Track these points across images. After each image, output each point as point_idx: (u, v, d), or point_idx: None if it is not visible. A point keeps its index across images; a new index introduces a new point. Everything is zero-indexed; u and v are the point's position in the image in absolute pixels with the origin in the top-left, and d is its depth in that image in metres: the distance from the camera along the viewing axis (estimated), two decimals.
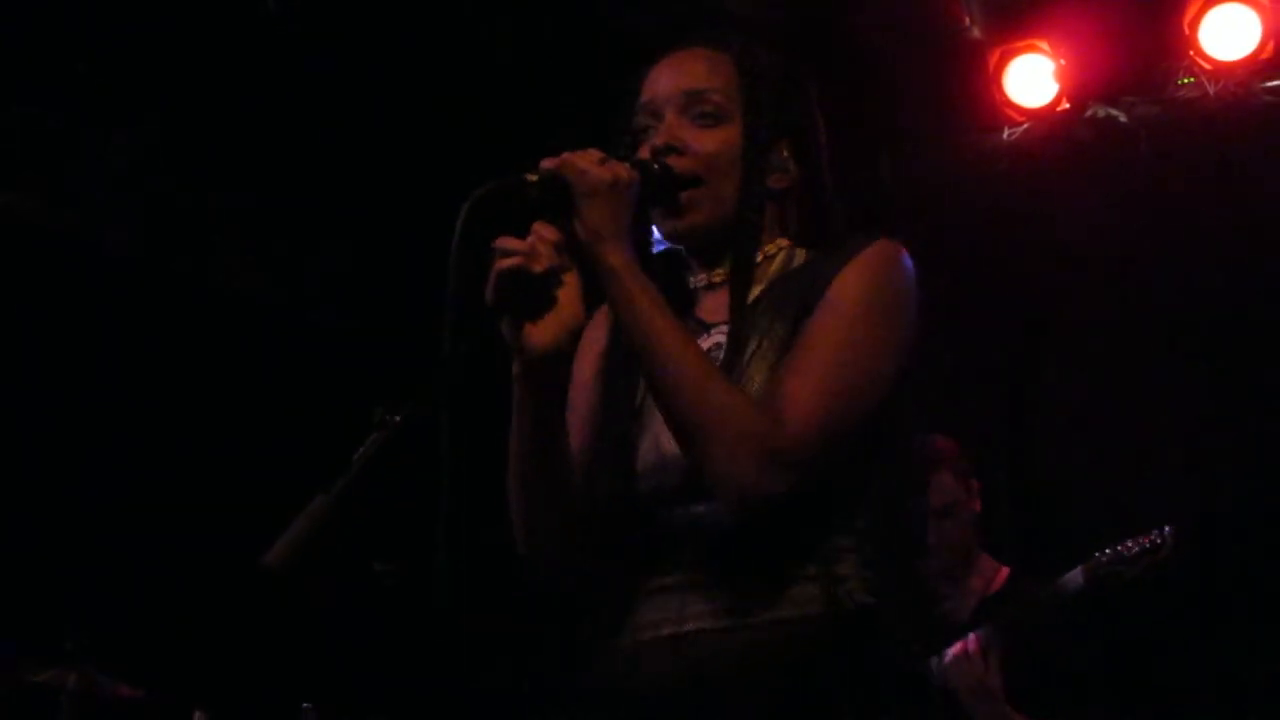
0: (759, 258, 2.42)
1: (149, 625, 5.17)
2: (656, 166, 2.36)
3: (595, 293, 2.26)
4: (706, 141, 2.40)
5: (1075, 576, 4.51)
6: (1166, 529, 4.43)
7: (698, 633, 2.25)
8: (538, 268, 2.20)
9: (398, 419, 2.18)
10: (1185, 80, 5.53)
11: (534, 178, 2.22)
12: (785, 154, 2.46)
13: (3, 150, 5.21)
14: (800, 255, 2.45)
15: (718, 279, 2.44)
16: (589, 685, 2.38)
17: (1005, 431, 5.83)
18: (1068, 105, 5.69)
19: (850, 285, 2.30)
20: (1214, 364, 5.51)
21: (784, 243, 2.46)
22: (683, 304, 2.42)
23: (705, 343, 2.38)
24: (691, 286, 2.47)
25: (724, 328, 2.38)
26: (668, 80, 2.47)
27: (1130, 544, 4.47)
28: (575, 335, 2.26)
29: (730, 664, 2.22)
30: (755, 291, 2.40)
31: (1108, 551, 4.49)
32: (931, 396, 2.56)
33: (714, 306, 2.42)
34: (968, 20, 5.60)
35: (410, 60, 5.36)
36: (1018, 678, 4.43)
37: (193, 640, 5.28)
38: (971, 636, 4.42)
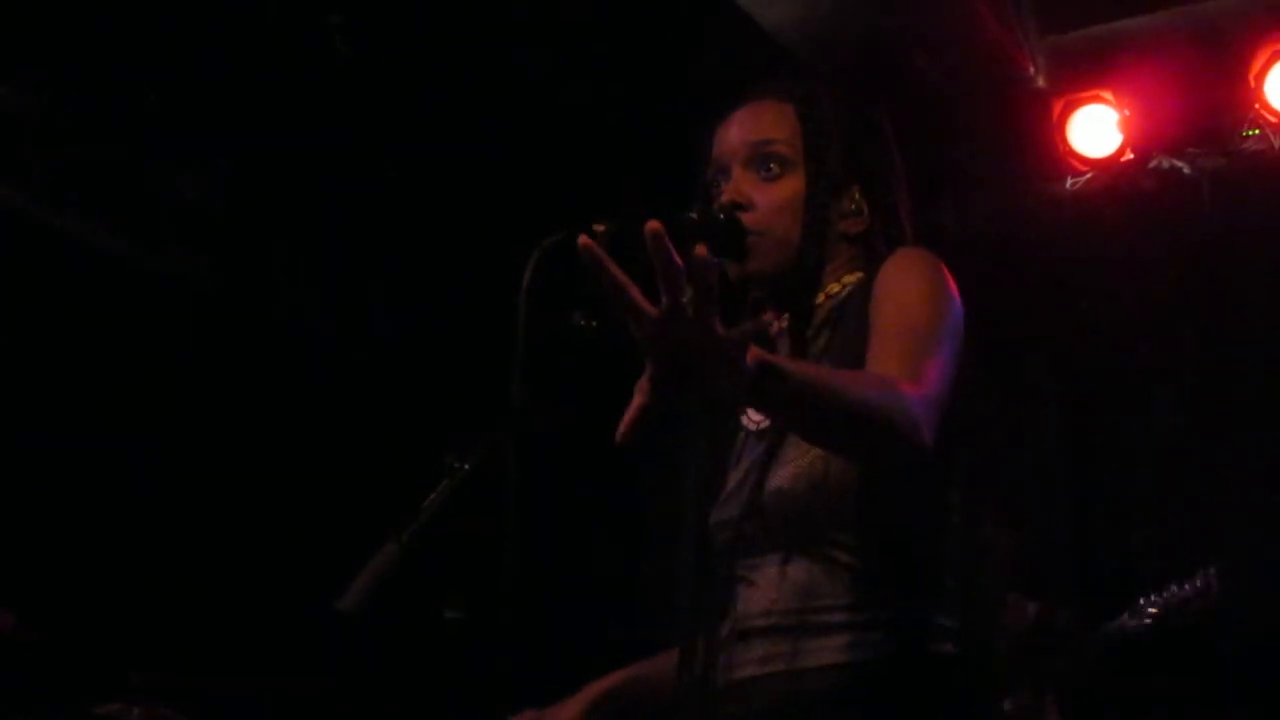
0: (821, 298, 2.45)
1: (213, 659, 5.19)
2: (721, 215, 2.40)
3: None
4: (771, 194, 2.45)
5: (1124, 623, 4.48)
6: (1211, 571, 4.39)
7: (762, 677, 2.28)
8: None
9: (466, 467, 2.20)
10: (1250, 132, 5.50)
11: (601, 228, 2.25)
12: (857, 198, 2.49)
13: (75, 182, 5.27)
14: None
15: (784, 323, 2.48)
16: None
17: (1065, 480, 5.81)
18: (1131, 156, 5.68)
19: (893, 282, 2.34)
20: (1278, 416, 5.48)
21: (850, 279, 2.47)
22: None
23: None
24: (772, 334, 2.49)
25: None
26: (734, 136, 2.51)
27: (1175, 589, 4.44)
28: None
29: (785, 711, 2.25)
30: (824, 336, 2.43)
31: (1153, 597, 4.46)
32: (992, 441, 2.56)
33: (786, 351, 2.44)
34: (1032, 69, 5.60)
35: (478, 104, 5.40)
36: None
37: (257, 676, 5.30)
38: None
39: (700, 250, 1.82)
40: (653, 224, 1.81)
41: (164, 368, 5.40)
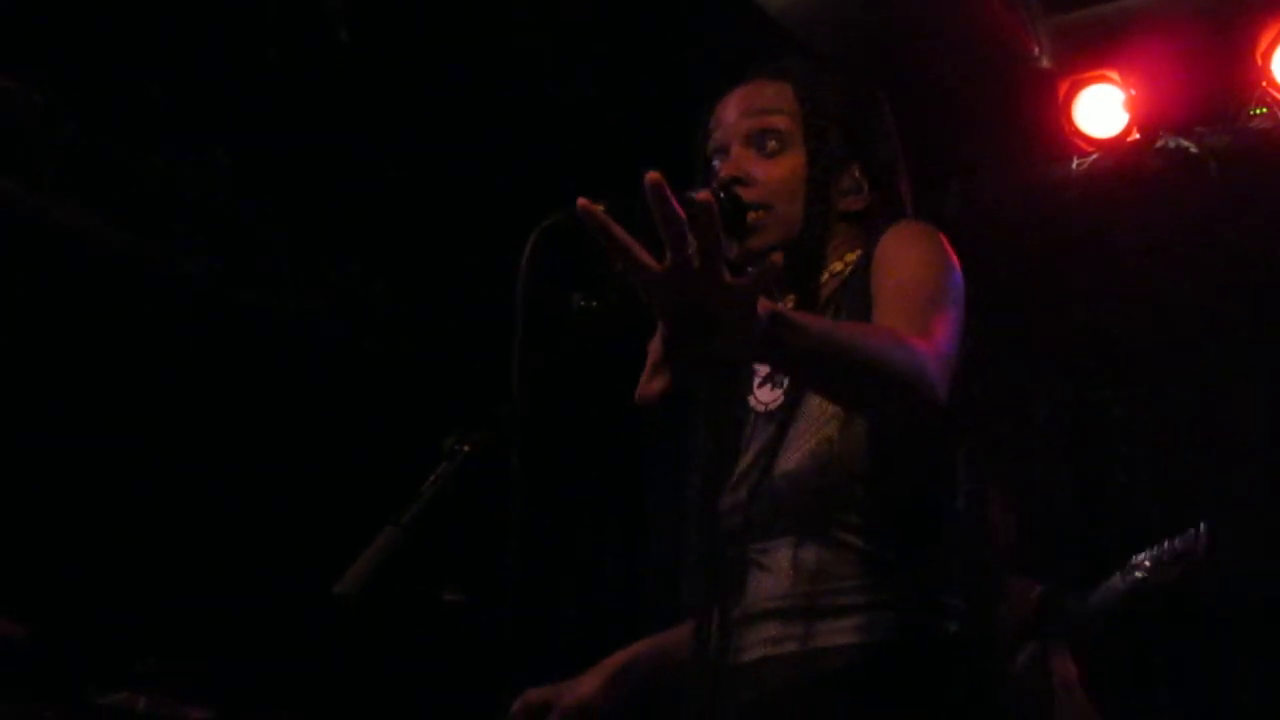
0: (824, 276, 2.46)
1: (219, 648, 5.20)
2: (721, 194, 2.39)
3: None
4: (771, 171, 2.45)
5: (1116, 583, 4.50)
6: (1201, 526, 4.41)
7: (770, 659, 2.29)
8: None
9: (466, 449, 2.19)
10: (1257, 111, 5.49)
11: (601, 207, 2.24)
12: (857, 175, 2.49)
13: (77, 176, 5.27)
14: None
15: (790, 303, 2.47)
16: (682, 710, 2.41)
17: (1069, 458, 5.81)
18: (1138, 135, 5.67)
19: (894, 251, 2.33)
20: None
21: (852, 257, 2.47)
22: None
23: None
24: None
25: None
26: (733, 114, 2.51)
27: (1166, 545, 4.46)
28: None
29: (798, 690, 2.25)
30: (830, 314, 2.42)
31: (1144, 555, 4.48)
32: (997, 422, 2.57)
33: None
34: (1037, 50, 5.58)
35: (479, 90, 5.39)
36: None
37: (263, 663, 5.31)
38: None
39: (703, 195, 1.80)
40: (653, 174, 1.78)
41: (166, 361, 5.40)
